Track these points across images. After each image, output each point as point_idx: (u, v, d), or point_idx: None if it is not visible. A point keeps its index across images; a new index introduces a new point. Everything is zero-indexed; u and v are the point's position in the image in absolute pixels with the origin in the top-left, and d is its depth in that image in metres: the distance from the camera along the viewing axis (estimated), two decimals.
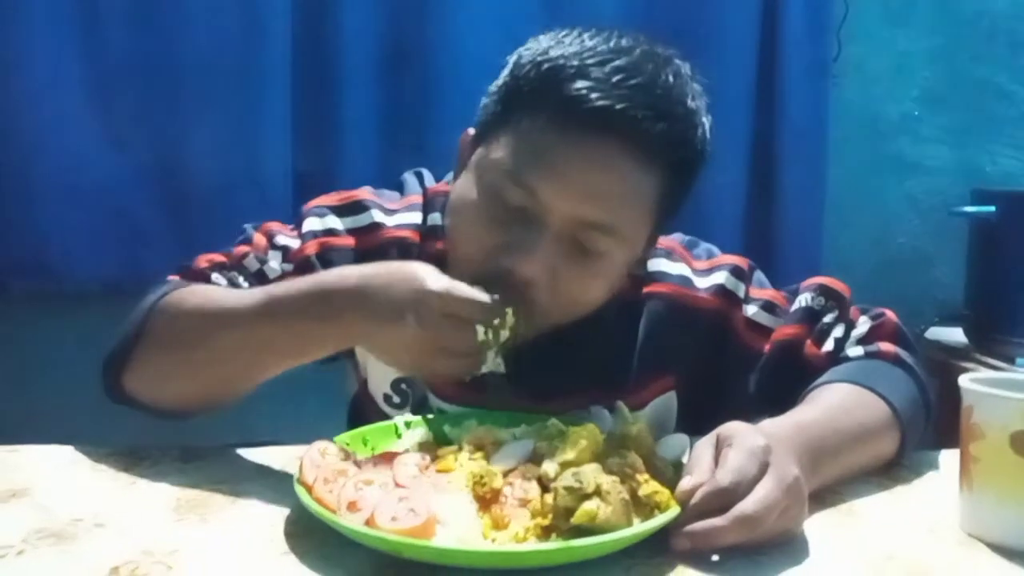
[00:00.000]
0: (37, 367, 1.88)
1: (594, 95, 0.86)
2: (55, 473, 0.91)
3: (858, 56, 2.12)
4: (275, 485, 0.87)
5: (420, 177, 1.13)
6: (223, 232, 1.84)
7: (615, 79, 0.86)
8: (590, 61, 0.87)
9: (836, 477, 0.89)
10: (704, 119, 0.93)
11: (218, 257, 1.05)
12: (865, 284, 1.12)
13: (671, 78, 0.90)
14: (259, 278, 1.03)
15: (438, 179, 1.13)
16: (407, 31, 1.91)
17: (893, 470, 0.96)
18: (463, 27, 1.89)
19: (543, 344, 0.95)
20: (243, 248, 1.06)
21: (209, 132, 1.85)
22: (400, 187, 1.12)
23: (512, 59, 0.95)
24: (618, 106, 0.85)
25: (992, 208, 1.88)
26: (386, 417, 1.03)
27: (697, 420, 1.08)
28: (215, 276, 1.02)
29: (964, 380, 0.81)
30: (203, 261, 1.04)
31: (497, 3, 1.90)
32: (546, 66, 0.89)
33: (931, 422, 1.01)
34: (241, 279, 1.02)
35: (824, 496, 0.87)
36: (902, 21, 2.15)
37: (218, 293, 0.96)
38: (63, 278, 1.83)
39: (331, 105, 1.89)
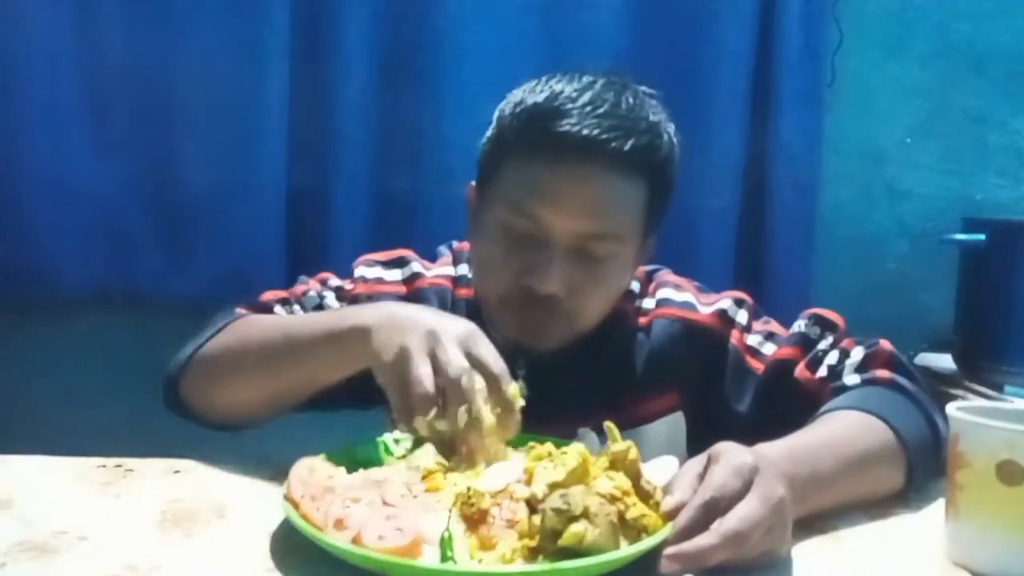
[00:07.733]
0: (27, 375, 1.87)
1: (575, 129, 0.99)
2: (39, 484, 0.90)
3: (852, 83, 2.13)
4: (262, 501, 0.87)
5: (450, 246, 1.26)
6: (215, 242, 1.85)
7: (587, 110, 1.00)
8: (564, 100, 1.01)
9: (833, 503, 0.89)
10: (668, 127, 1.07)
11: (281, 293, 1.19)
12: (855, 309, 1.13)
13: (631, 99, 1.04)
14: (318, 311, 1.15)
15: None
16: (405, 47, 1.91)
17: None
18: (461, 43, 1.89)
19: (552, 365, 1.05)
20: (302, 287, 1.19)
21: (204, 143, 1.85)
22: (434, 258, 1.25)
23: (496, 114, 1.09)
24: (595, 132, 0.99)
25: (982, 236, 1.89)
26: None
27: (703, 443, 1.09)
28: (277, 308, 1.15)
29: (951, 408, 0.82)
30: (267, 296, 1.18)
31: (495, 20, 1.90)
32: (526, 114, 1.03)
33: (942, 447, 1.00)
34: (301, 312, 1.14)
35: (812, 522, 0.87)
36: (896, 49, 2.16)
37: (277, 319, 1.09)
38: (54, 286, 1.82)
39: (328, 119, 1.88)
